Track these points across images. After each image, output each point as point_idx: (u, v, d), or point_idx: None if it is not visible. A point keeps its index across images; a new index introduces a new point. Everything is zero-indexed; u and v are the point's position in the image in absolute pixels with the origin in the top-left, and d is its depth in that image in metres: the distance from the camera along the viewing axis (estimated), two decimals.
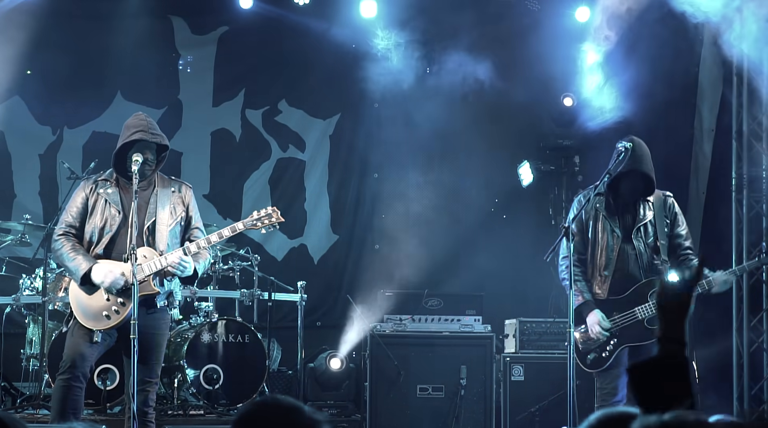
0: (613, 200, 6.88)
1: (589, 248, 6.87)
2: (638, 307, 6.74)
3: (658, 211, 6.88)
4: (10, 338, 9.38)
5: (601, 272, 6.81)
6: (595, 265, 6.83)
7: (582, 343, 6.81)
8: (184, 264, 6.36)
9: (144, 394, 6.36)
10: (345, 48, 11.12)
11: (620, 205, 6.86)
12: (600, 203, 6.85)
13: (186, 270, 6.39)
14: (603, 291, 6.82)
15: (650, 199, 6.90)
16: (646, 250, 6.81)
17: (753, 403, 9.57)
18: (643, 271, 6.80)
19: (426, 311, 9.18)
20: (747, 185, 9.69)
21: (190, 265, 6.40)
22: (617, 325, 6.73)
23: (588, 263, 6.88)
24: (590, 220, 6.86)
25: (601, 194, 6.86)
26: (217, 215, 10.83)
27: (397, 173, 11.26)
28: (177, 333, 9.29)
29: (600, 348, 6.77)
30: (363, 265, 11.11)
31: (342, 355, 9.39)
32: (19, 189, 10.81)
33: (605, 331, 6.73)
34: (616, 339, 6.72)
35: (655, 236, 6.84)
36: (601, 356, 6.76)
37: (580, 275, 6.82)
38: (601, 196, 6.86)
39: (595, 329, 6.72)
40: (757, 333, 9.67)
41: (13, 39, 10.24)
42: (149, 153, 6.45)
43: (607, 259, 6.78)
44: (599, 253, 6.82)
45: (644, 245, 6.81)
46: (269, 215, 6.62)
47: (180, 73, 11.19)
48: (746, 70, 9.60)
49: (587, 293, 6.81)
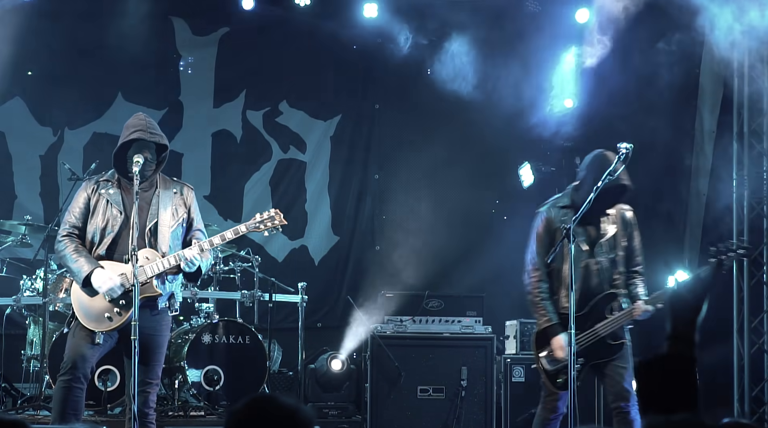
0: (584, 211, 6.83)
1: (555, 263, 6.80)
2: (598, 324, 6.67)
3: (619, 226, 6.86)
4: (10, 339, 9.38)
5: (567, 287, 6.77)
6: (562, 279, 6.76)
7: (549, 364, 6.78)
8: (196, 260, 6.38)
9: (145, 395, 6.35)
10: (346, 49, 11.13)
11: (586, 218, 6.79)
12: (566, 216, 6.78)
13: (193, 267, 6.41)
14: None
15: (611, 213, 6.85)
16: (608, 264, 6.80)
17: (754, 405, 9.57)
18: (606, 285, 6.77)
19: (427, 313, 9.18)
20: (748, 187, 9.69)
21: (197, 262, 6.42)
22: (581, 345, 6.64)
23: (554, 277, 6.82)
24: (557, 232, 6.79)
25: (567, 207, 6.81)
26: (217, 216, 10.84)
27: (398, 174, 11.27)
28: (178, 334, 9.29)
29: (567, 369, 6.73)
30: (364, 266, 11.11)
31: (343, 356, 9.39)
32: (20, 190, 10.81)
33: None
34: (582, 359, 6.67)
35: (615, 250, 6.82)
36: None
37: (546, 292, 6.78)
38: (567, 209, 6.80)
39: (559, 354, 6.67)
40: (757, 334, 9.67)
41: (13, 39, 10.25)
42: (148, 152, 6.44)
43: (574, 273, 6.74)
44: (564, 267, 6.75)
45: (606, 259, 6.78)
46: (272, 218, 6.61)
47: (181, 74, 11.20)
48: (747, 71, 9.60)
49: (553, 313, 6.74)
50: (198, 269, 6.47)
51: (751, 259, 9.70)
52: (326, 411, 9.17)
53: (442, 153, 10.90)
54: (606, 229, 6.80)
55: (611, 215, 6.84)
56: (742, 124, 9.75)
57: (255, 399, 2.73)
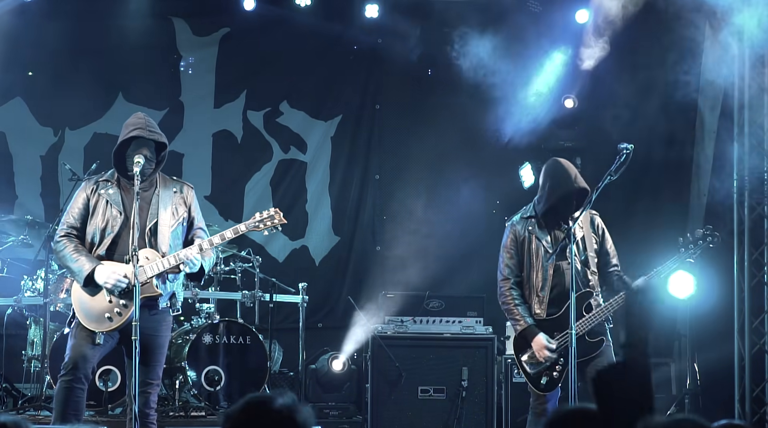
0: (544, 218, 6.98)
1: (524, 270, 6.98)
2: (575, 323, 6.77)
3: (586, 229, 7.01)
4: (11, 339, 9.38)
5: (538, 292, 6.93)
6: (532, 285, 6.96)
7: (531, 367, 6.89)
8: (196, 260, 6.38)
9: (145, 396, 6.35)
10: (347, 49, 11.12)
11: (550, 224, 6.96)
12: (532, 225, 7.00)
13: (195, 266, 6.41)
14: (542, 311, 6.91)
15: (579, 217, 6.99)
16: (580, 266, 6.91)
17: (755, 405, 9.56)
18: (580, 284, 6.86)
19: (427, 313, 9.18)
20: (749, 187, 9.68)
21: (199, 261, 6.42)
22: (561, 345, 6.77)
23: (525, 284, 7.00)
24: (524, 242, 6.99)
25: (533, 216, 7.02)
26: (218, 216, 10.83)
27: (399, 174, 11.26)
28: (178, 335, 9.29)
29: (550, 370, 6.84)
30: (364, 266, 11.11)
31: (343, 357, 9.38)
32: (21, 190, 10.81)
33: (552, 353, 6.79)
34: (563, 359, 6.76)
35: (586, 251, 6.96)
36: (553, 377, 6.84)
37: (519, 298, 6.97)
38: (532, 219, 7.02)
39: (543, 353, 6.82)
40: (758, 335, 9.66)
41: (14, 40, 10.25)
42: (147, 150, 6.43)
43: (543, 278, 6.87)
44: (534, 273, 6.95)
45: (578, 261, 6.90)
46: (271, 217, 6.61)
47: (181, 74, 11.19)
48: (747, 70, 9.59)
49: (528, 317, 6.91)
50: (201, 268, 6.47)
51: (752, 259, 9.69)
52: (327, 412, 9.17)
53: (443, 153, 10.90)
54: (574, 231, 6.90)
55: (579, 219, 6.96)
56: (742, 124, 9.74)
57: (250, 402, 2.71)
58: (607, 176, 6.71)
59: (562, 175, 6.94)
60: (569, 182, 6.90)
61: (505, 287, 7.00)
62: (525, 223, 7.04)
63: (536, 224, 7.00)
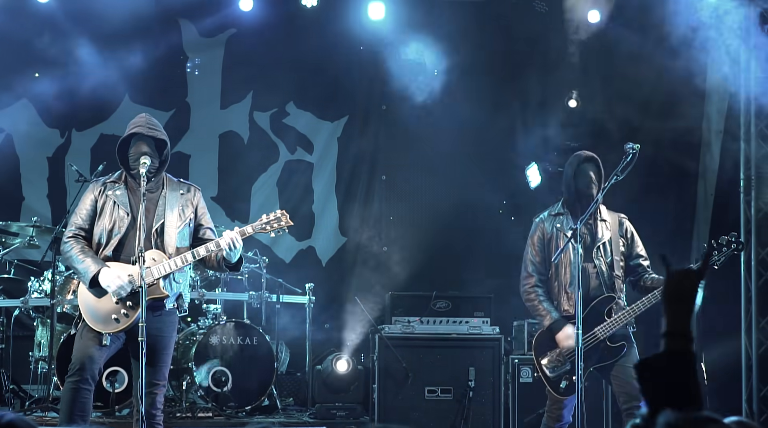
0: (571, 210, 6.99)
1: (552, 267, 6.95)
2: (597, 328, 6.77)
3: (614, 231, 7.00)
4: (18, 340, 9.40)
5: (566, 289, 6.89)
6: (561, 282, 6.93)
7: (551, 371, 6.84)
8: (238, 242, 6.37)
9: (152, 397, 6.35)
10: (353, 50, 11.12)
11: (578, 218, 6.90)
12: (560, 222, 6.98)
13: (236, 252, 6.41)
14: (571, 306, 6.85)
15: (607, 220, 7.01)
16: (606, 268, 6.88)
17: (762, 404, 9.55)
18: (604, 288, 6.86)
19: (434, 313, 9.18)
20: (755, 187, 9.67)
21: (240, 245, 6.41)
22: (585, 346, 6.70)
23: (552, 281, 6.98)
24: (552, 239, 6.97)
25: (561, 214, 7.01)
26: (225, 217, 10.84)
27: (405, 175, 11.26)
28: (185, 336, 9.30)
29: (570, 374, 6.78)
30: (371, 267, 11.10)
31: (350, 357, 9.39)
32: (28, 192, 10.83)
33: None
34: (582, 363, 6.69)
35: (612, 254, 6.93)
36: (572, 381, 6.75)
37: (543, 294, 6.95)
38: (561, 216, 7.01)
39: (568, 343, 6.75)
40: (765, 334, 9.66)
41: (20, 41, 10.27)
42: (147, 147, 6.44)
43: (571, 276, 6.83)
44: (563, 271, 6.91)
45: (603, 263, 6.87)
46: (278, 219, 6.61)
47: (188, 75, 11.19)
48: (754, 70, 9.59)
49: (555, 311, 6.87)
50: (240, 258, 6.49)
51: (759, 258, 9.68)
52: (334, 412, 9.17)
53: (450, 154, 10.89)
54: (602, 234, 6.88)
55: (607, 221, 6.95)
56: (749, 124, 9.73)
57: None
58: (614, 176, 6.70)
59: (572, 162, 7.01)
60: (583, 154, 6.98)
61: (528, 284, 6.98)
62: (553, 220, 7.02)
63: (563, 221, 6.98)
